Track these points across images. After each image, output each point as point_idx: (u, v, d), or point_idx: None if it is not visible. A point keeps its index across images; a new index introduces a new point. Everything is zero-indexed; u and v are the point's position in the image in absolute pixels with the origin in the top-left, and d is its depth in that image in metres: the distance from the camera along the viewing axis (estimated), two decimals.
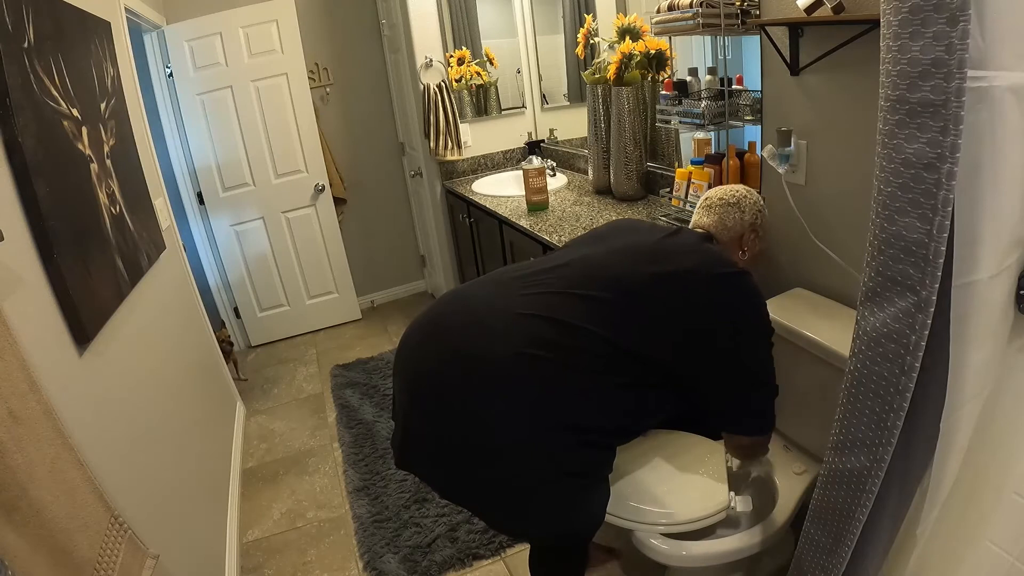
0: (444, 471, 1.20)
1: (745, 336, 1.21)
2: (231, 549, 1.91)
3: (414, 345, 1.22)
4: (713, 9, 1.58)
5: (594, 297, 1.15)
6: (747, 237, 1.37)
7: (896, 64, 0.75)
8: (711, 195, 1.41)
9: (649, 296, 1.17)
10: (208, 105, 3.07)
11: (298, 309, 3.55)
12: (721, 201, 1.38)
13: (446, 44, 3.01)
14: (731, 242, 1.37)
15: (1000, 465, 0.95)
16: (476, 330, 1.16)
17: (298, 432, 2.64)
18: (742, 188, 1.41)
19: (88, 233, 1.32)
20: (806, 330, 1.40)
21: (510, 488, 1.13)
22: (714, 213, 1.38)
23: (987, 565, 0.98)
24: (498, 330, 1.13)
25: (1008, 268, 0.83)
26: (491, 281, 1.30)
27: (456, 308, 1.24)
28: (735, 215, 1.37)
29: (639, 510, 1.35)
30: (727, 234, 1.36)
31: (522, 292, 1.19)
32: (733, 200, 1.38)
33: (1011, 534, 0.95)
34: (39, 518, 0.84)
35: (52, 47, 1.29)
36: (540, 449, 1.10)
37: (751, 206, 1.38)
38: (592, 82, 2.36)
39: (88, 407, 1.17)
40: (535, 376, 1.09)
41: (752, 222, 1.37)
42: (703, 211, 1.41)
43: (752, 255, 1.40)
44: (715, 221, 1.38)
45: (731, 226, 1.37)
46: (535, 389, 1.09)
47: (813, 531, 1.06)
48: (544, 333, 1.11)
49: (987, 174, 0.76)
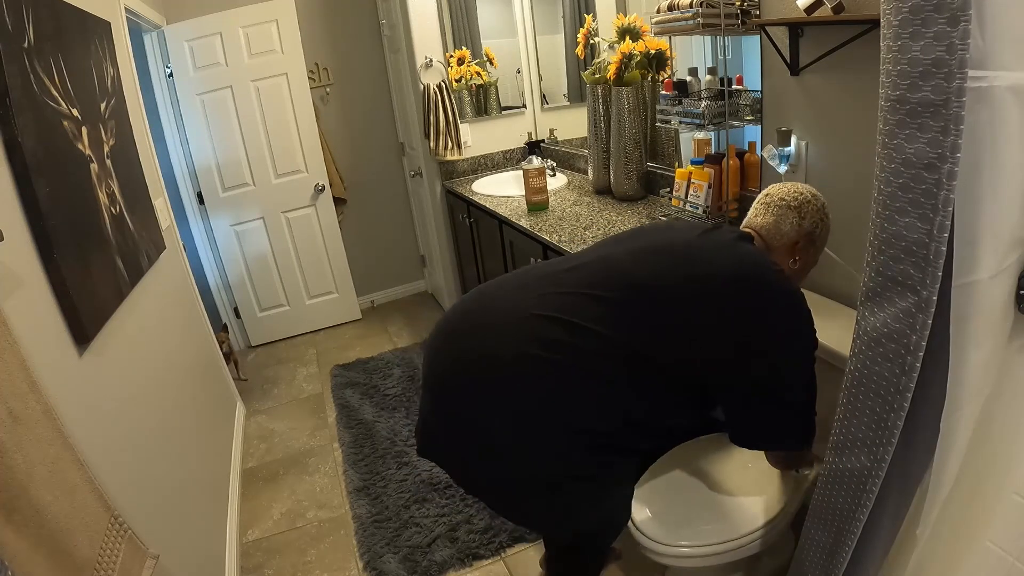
0: (459, 466, 1.23)
1: (786, 357, 1.13)
2: (231, 549, 1.91)
3: (436, 346, 1.23)
4: (713, 9, 1.58)
5: (609, 299, 1.12)
6: (801, 246, 1.26)
7: (896, 64, 0.75)
8: (771, 192, 1.29)
9: (674, 298, 1.12)
10: (208, 105, 3.07)
11: (298, 309, 3.55)
12: (782, 202, 1.26)
13: (446, 44, 3.01)
14: (782, 248, 1.26)
15: (1000, 465, 0.95)
16: (488, 332, 1.15)
17: (298, 432, 2.64)
18: (807, 191, 1.28)
19: (88, 233, 1.32)
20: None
21: (517, 489, 1.14)
22: (771, 214, 1.27)
23: (987, 565, 0.98)
24: (508, 331, 1.13)
25: (1008, 268, 0.83)
26: (514, 280, 1.27)
27: (474, 308, 1.24)
28: (793, 219, 1.24)
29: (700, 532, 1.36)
30: (780, 239, 1.25)
31: (539, 292, 1.17)
32: (794, 203, 1.25)
33: (1011, 534, 0.95)
34: (39, 518, 0.84)
35: (52, 47, 1.29)
36: (544, 450, 1.10)
37: (813, 212, 1.25)
38: (592, 82, 2.36)
39: (88, 407, 1.17)
40: (541, 377, 1.09)
41: (811, 231, 1.25)
42: (760, 208, 1.29)
43: (803, 266, 1.29)
44: (770, 223, 1.26)
45: (786, 231, 1.24)
46: (541, 390, 1.09)
47: (813, 531, 1.06)
48: (553, 334, 1.09)
49: (987, 174, 0.76)
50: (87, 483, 0.99)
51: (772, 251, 1.25)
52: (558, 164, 2.98)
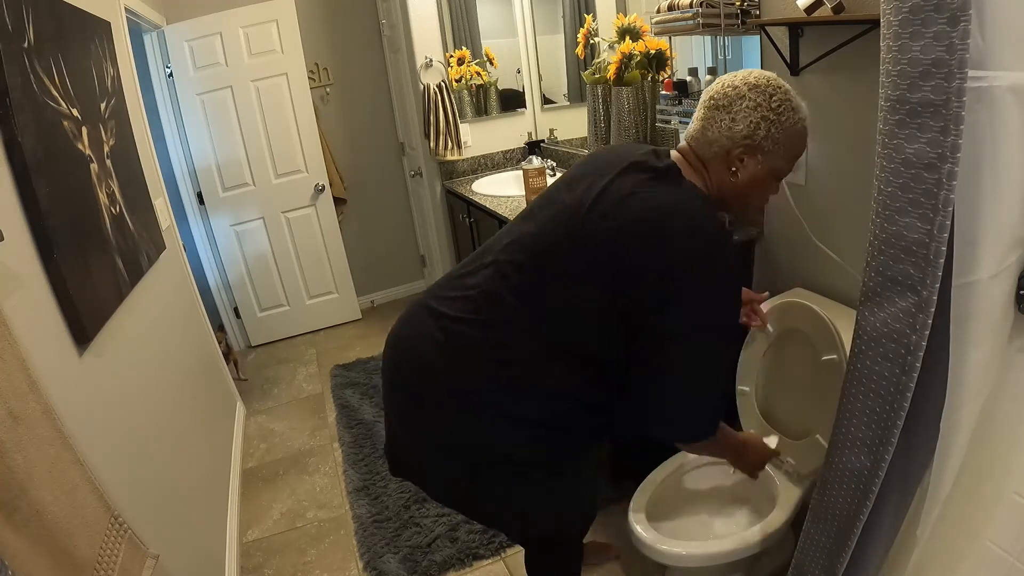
0: (422, 480, 1.24)
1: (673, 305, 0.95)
2: (231, 549, 1.91)
3: (388, 370, 1.21)
4: (713, 9, 1.58)
5: (519, 284, 1.04)
6: (737, 154, 1.00)
7: (896, 64, 0.75)
8: (711, 88, 1.04)
9: (566, 264, 1.01)
10: (208, 105, 3.07)
11: (298, 309, 3.55)
12: (711, 102, 1.02)
13: (446, 44, 3.02)
14: (715, 160, 1.02)
15: (1000, 465, 0.95)
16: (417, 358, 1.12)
17: (298, 432, 2.64)
18: (746, 82, 0.99)
19: (88, 233, 1.32)
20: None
21: (471, 490, 1.15)
22: (700, 118, 1.03)
23: (987, 565, 0.98)
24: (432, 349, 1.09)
25: (1008, 268, 0.83)
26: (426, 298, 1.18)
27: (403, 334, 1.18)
28: (722, 122, 0.99)
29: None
30: (709, 149, 1.02)
31: (448, 296, 1.13)
32: (724, 100, 0.99)
33: (1011, 534, 0.95)
34: (39, 518, 0.84)
35: (52, 47, 1.29)
36: (487, 443, 1.08)
37: (748, 110, 0.98)
38: (592, 82, 2.36)
39: (88, 407, 1.17)
40: (470, 376, 1.07)
41: (748, 135, 0.98)
42: (695, 114, 1.06)
43: (750, 181, 1.02)
44: (697, 130, 1.03)
45: (714, 138, 1.00)
46: (472, 387, 1.07)
47: (813, 531, 1.06)
48: (472, 332, 1.06)
49: (987, 174, 0.76)
50: (87, 483, 0.99)
51: (707, 166, 1.03)
52: (558, 164, 2.99)
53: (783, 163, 1.04)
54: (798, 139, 1.03)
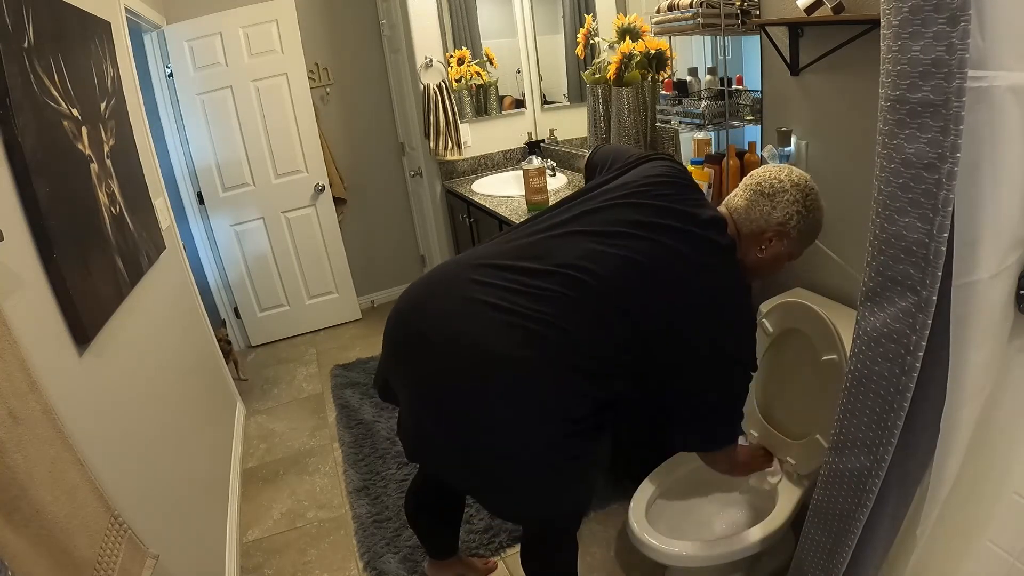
0: (457, 458, 1.21)
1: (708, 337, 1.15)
2: (231, 549, 1.91)
3: (405, 341, 1.22)
4: (713, 9, 1.58)
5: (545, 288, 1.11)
6: (769, 236, 1.19)
7: (896, 64, 0.75)
8: (755, 174, 1.23)
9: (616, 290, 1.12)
10: (208, 105, 3.07)
11: (298, 309, 3.55)
12: (758, 187, 1.20)
13: (446, 44, 3.01)
14: (750, 236, 1.20)
15: (1000, 465, 0.95)
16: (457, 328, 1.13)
17: (298, 432, 2.64)
18: (790, 179, 1.19)
19: (88, 233, 1.32)
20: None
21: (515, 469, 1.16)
22: (745, 198, 1.21)
23: (987, 565, 0.98)
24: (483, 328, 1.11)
25: (1008, 268, 0.83)
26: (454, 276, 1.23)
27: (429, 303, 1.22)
28: (764, 207, 1.18)
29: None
30: (748, 226, 1.20)
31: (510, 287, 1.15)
32: (769, 190, 1.18)
33: (1011, 534, 0.95)
34: (39, 518, 0.84)
35: (52, 47, 1.29)
36: (523, 435, 1.12)
37: (788, 203, 1.17)
38: (592, 82, 2.36)
39: (88, 407, 1.17)
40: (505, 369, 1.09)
41: (782, 222, 1.17)
42: (740, 190, 1.24)
43: (772, 257, 1.22)
44: (742, 208, 1.21)
45: (755, 218, 1.19)
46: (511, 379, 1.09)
47: (813, 531, 1.06)
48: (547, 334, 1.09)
49: (987, 174, 0.76)
50: (87, 483, 0.99)
51: (741, 237, 1.20)
52: (558, 164, 2.98)
53: (800, 248, 1.24)
54: (817, 230, 1.23)
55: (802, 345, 1.40)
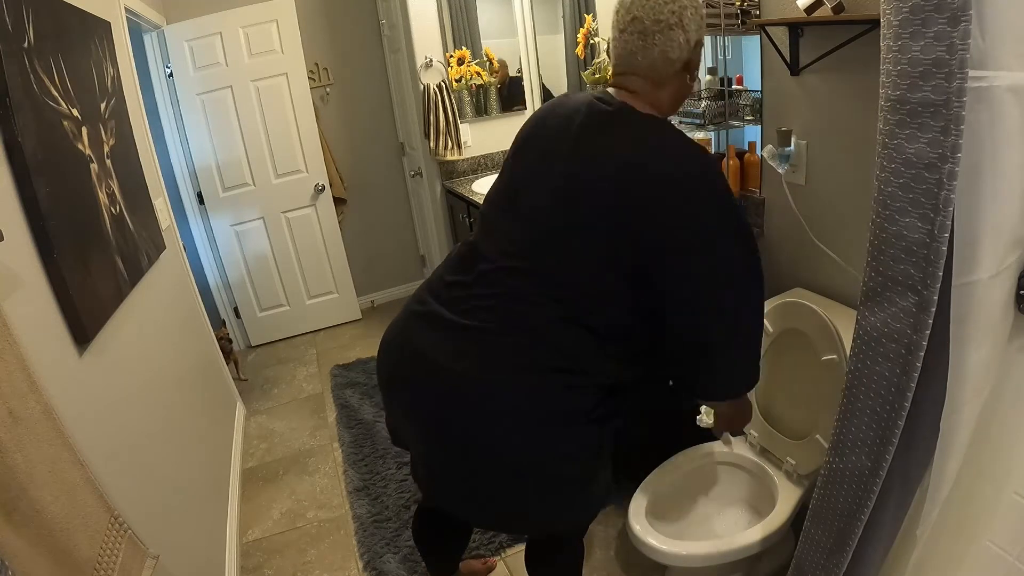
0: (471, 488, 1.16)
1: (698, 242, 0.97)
2: (231, 549, 1.91)
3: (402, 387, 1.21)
4: (713, 9, 1.58)
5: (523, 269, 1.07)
6: (695, 62, 1.02)
7: (897, 64, 0.75)
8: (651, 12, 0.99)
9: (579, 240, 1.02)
10: (208, 105, 3.07)
11: (298, 309, 3.55)
12: (656, 24, 0.98)
13: (446, 44, 3.01)
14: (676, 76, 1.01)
15: (1000, 465, 0.95)
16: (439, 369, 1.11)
17: (298, 432, 2.64)
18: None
19: (88, 233, 1.32)
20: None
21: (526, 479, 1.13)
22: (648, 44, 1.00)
23: (987, 565, 0.98)
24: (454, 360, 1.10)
25: (1008, 268, 0.83)
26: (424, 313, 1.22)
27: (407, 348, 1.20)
28: (679, 38, 0.98)
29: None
30: (669, 68, 1.00)
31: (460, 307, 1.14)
32: (674, 18, 0.97)
33: (1011, 534, 0.95)
34: (39, 518, 0.84)
35: (52, 47, 1.29)
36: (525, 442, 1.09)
37: (693, 18, 0.99)
38: (592, 82, 2.36)
39: (88, 407, 1.17)
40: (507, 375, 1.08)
41: (698, 38, 1.00)
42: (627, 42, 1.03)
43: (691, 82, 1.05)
44: (656, 57, 1.00)
45: (675, 57, 0.99)
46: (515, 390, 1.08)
47: (813, 531, 1.06)
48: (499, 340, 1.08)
49: (987, 174, 0.76)
50: (87, 483, 0.99)
51: (666, 85, 1.03)
52: None
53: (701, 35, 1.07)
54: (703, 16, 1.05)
55: (802, 345, 1.40)
